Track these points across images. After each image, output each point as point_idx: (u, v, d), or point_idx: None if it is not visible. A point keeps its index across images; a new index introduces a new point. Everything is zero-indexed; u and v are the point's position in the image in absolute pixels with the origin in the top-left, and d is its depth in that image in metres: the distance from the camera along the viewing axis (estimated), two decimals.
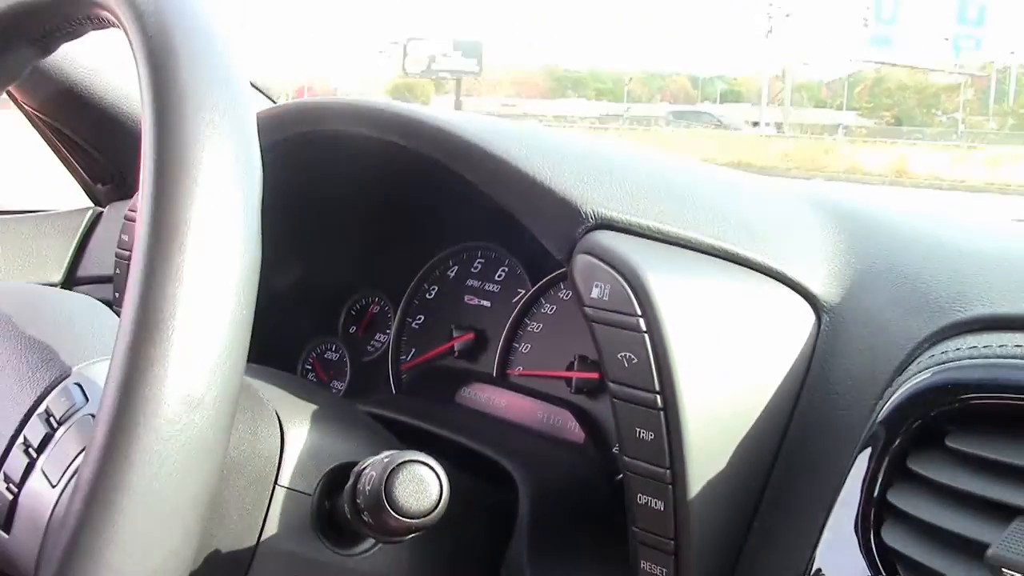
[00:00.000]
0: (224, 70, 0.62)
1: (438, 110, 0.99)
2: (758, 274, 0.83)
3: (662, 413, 0.74)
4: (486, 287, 1.24)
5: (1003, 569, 0.57)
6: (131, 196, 1.36)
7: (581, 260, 0.80)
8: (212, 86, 0.60)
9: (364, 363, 1.33)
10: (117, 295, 1.21)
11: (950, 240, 0.90)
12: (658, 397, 0.74)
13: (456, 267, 1.28)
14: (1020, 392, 0.63)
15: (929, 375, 0.68)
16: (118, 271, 1.20)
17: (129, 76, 0.88)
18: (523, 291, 1.18)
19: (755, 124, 43.40)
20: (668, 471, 0.74)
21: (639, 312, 0.75)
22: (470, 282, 1.26)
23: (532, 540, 0.89)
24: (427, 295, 1.29)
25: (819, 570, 0.68)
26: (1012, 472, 0.62)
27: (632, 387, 0.75)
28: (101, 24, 0.73)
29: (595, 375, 1.05)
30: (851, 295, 0.83)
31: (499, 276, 1.23)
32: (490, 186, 0.89)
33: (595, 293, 0.78)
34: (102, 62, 1.52)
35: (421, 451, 0.75)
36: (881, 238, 0.90)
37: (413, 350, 1.28)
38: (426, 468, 0.71)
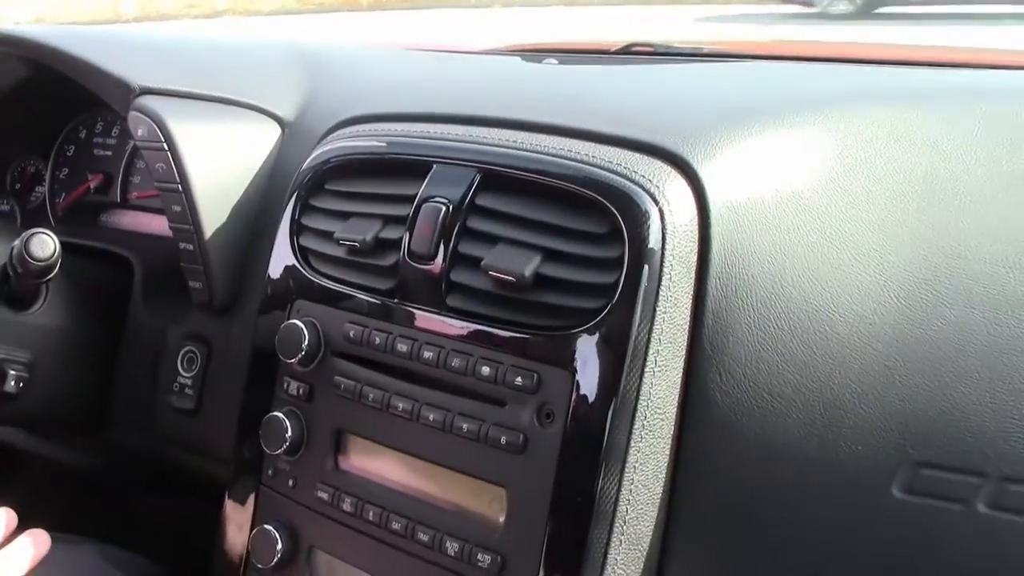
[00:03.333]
0: None
1: (38, 27, 1.48)
2: (242, 108, 1.37)
3: (182, 195, 1.28)
4: (107, 141, 1.72)
5: (341, 241, 1.14)
6: None
7: (131, 115, 1.32)
8: None
9: (29, 210, 1.80)
10: None
11: (366, 72, 1.49)
12: (179, 185, 1.28)
13: (85, 130, 1.75)
14: (358, 153, 1.19)
15: (317, 152, 1.23)
16: None
17: None
18: (132, 141, 1.66)
19: None
20: (191, 226, 1.29)
21: (162, 139, 1.28)
22: (96, 139, 1.73)
23: (144, 294, 1.43)
24: (67, 153, 1.76)
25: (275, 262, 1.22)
26: (350, 195, 1.17)
27: (164, 182, 1.29)
28: None
29: None
30: (302, 114, 1.39)
31: (115, 133, 1.71)
32: (77, 76, 1.40)
33: (140, 133, 1.31)
34: None
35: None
36: (327, 73, 1.47)
37: (64, 194, 1.76)
38: (45, 234, 1.23)
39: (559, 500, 0.97)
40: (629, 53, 1.78)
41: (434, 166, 1.10)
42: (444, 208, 1.06)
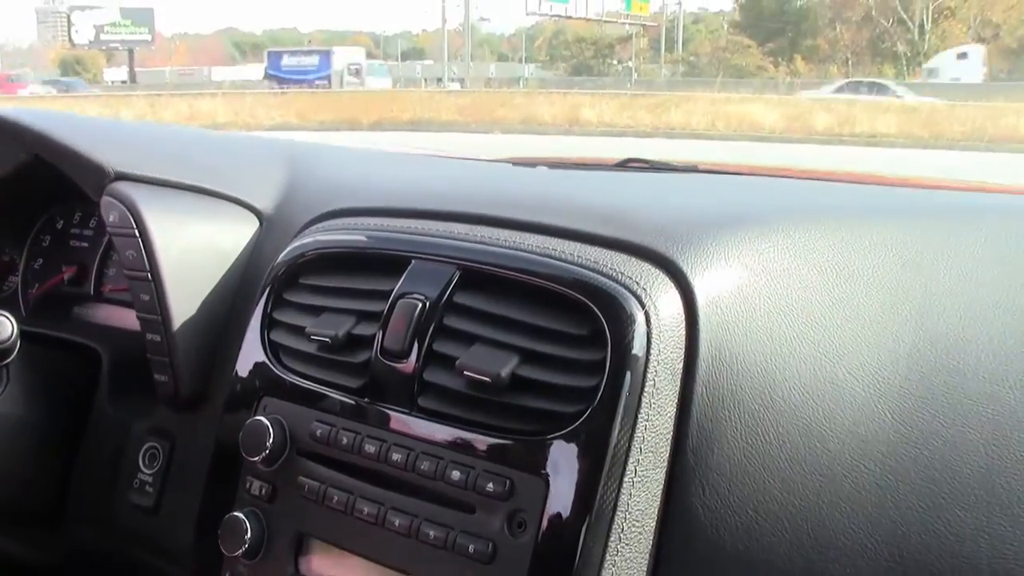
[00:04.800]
0: None
1: (14, 108, 1.45)
2: (219, 199, 1.34)
3: (152, 283, 1.24)
4: (84, 232, 1.68)
5: (312, 337, 1.09)
6: None
7: (104, 200, 1.29)
8: None
9: (0, 300, 1.76)
10: None
11: (348, 168, 1.46)
12: (148, 274, 1.24)
13: (62, 221, 1.72)
14: (334, 247, 1.15)
15: (293, 245, 1.19)
16: None
17: None
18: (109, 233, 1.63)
19: (439, 80, 44.10)
20: (159, 316, 1.24)
21: (133, 225, 1.24)
22: (73, 230, 1.70)
23: (110, 386, 1.38)
24: (43, 244, 1.72)
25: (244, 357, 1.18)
26: (325, 290, 1.13)
27: (135, 270, 1.25)
28: None
29: None
30: (280, 207, 1.35)
31: (92, 224, 1.68)
32: (51, 158, 1.36)
33: (111, 218, 1.27)
34: None
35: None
36: (309, 167, 1.44)
37: (36, 284, 1.71)
38: (3, 316, 1.18)
39: None
40: (625, 168, 1.76)
41: (412, 262, 1.06)
42: (420, 305, 1.02)
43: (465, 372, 0.97)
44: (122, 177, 1.30)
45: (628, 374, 0.90)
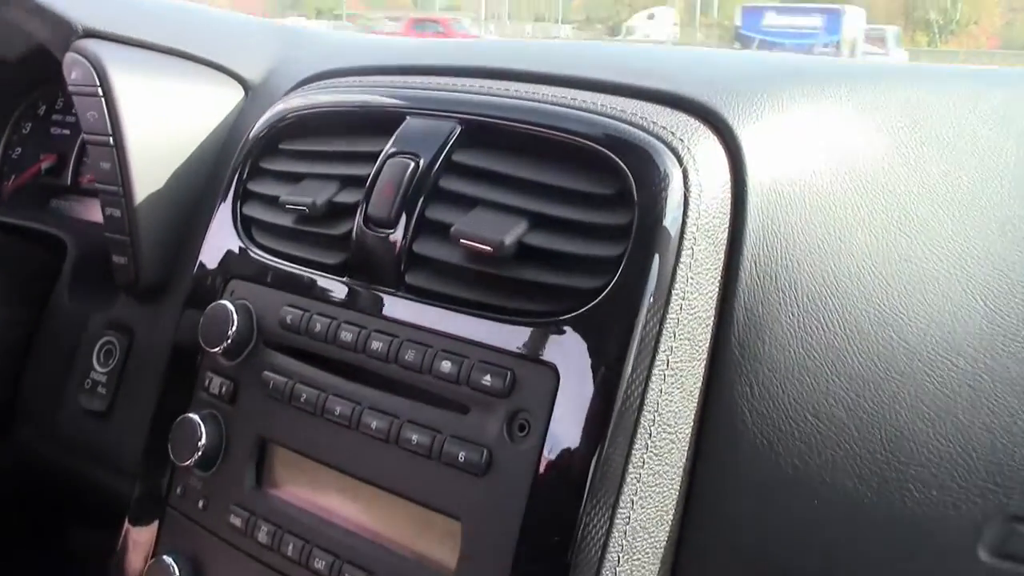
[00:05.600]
0: None
1: None
2: (200, 65, 1.18)
3: (113, 149, 1.07)
4: (66, 119, 1.53)
5: (288, 207, 0.93)
6: None
7: (68, 56, 1.13)
8: None
9: None
10: None
11: (349, 41, 1.29)
12: (110, 138, 1.07)
13: (44, 106, 1.56)
14: (319, 107, 0.98)
15: (274, 108, 1.03)
16: None
17: None
18: None
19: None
20: (119, 187, 1.08)
21: (97, 83, 1.08)
22: (55, 117, 1.55)
23: (72, 278, 1.24)
24: (23, 131, 1.58)
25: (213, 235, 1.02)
26: (306, 155, 0.97)
27: (94, 133, 1.09)
28: None
29: None
30: (269, 78, 1.19)
31: (75, 110, 1.53)
32: (15, 17, 1.20)
33: (73, 76, 1.11)
34: None
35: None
36: (303, 40, 1.28)
37: (13, 175, 1.57)
38: None
39: (529, 540, 0.74)
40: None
41: (406, 119, 0.89)
42: (412, 164, 0.85)
43: (462, 241, 0.79)
44: (91, 34, 1.14)
45: (660, 241, 0.72)
